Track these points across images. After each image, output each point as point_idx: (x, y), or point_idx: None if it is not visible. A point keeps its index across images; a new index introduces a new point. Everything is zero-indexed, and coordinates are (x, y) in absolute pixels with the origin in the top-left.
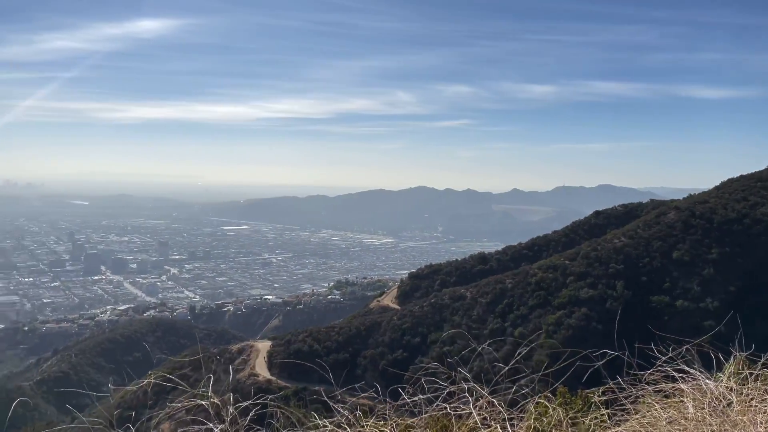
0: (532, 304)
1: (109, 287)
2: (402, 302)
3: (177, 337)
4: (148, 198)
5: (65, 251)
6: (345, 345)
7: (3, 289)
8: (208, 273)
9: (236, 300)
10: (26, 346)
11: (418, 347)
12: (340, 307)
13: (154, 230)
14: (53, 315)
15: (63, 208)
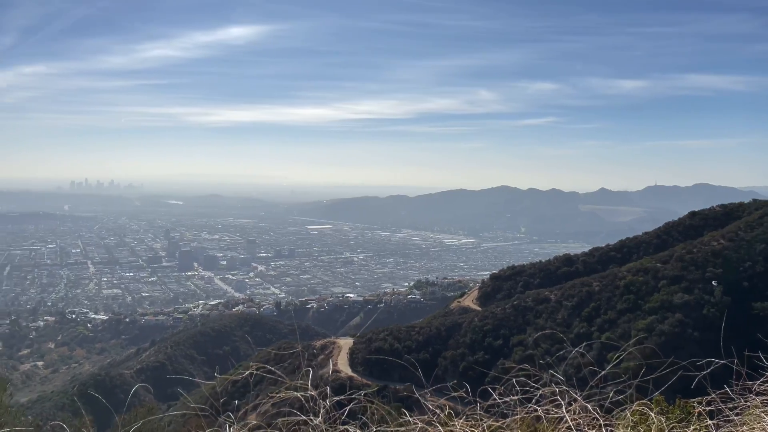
0: (621, 308)
1: (200, 283)
2: (483, 303)
3: (263, 331)
4: (237, 198)
5: (162, 248)
6: (425, 345)
7: (108, 282)
8: (292, 270)
9: (319, 297)
10: (127, 337)
11: (499, 349)
12: (420, 306)
13: (243, 229)
14: (151, 308)
15: (160, 207)
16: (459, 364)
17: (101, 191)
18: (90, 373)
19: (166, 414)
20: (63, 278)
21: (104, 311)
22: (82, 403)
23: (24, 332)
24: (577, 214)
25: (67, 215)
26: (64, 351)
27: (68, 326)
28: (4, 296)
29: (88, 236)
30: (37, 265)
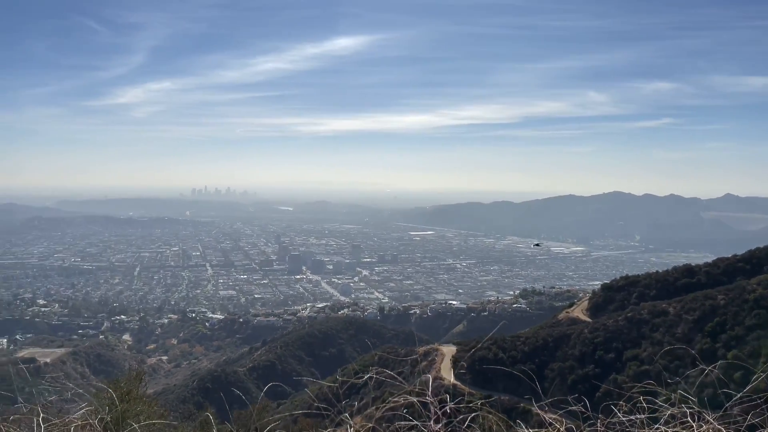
0: (750, 324)
1: (308, 286)
2: (593, 315)
3: (367, 335)
4: (343, 204)
5: (273, 252)
6: (531, 355)
7: (224, 284)
8: (396, 276)
9: (422, 303)
10: (241, 336)
11: (611, 363)
12: (525, 316)
13: (348, 234)
14: (262, 309)
15: (271, 213)
16: (567, 377)
17: (219, 198)
18: (208, 369)
19: (278, 414)
20: (184, 279)
21: (220, 311)
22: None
23: (151, 328)
24: (698, 222)
25: (188, 220)
26: (185, 347)
27: (189, 324)
28: (135, 294)
29: (206, 240)
30: (162, 266)
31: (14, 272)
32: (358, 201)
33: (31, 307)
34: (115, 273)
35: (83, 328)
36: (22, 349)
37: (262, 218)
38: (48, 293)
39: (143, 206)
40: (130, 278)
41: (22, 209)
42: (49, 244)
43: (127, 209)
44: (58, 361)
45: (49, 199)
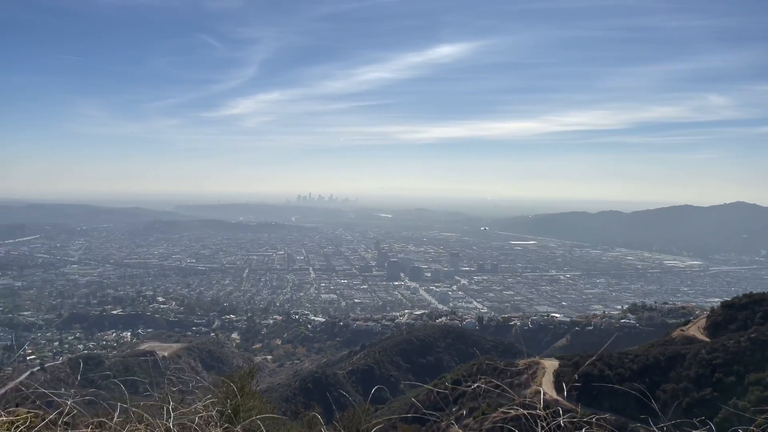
0: None
1: (406, 293)
2: (712, 334)
3: (465, 345)
4: (441, 212)
5: (372, 258)
6: (640, 374)
7: (325, 288)
8: (495, 286)
9: (522, 315)
10: (341, 339)
11: (731, 387)
12: (634, 332)
13: (447, 242)
14: (361, 314)
15: (371, 220)
16: (682, 400)
17: (322, 204)
18: (309, 370)
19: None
20: (289, 282)
21: (322, 314)
22: (303, 397)
23: (257, 328)
24: None
25: (293, 225)
26: (289, 348)
27: (292, 326)
28: (243, 295)
29: (310, 245)
30: (269, 269)
31: (138, 271)
32: (458, 209)
33: (152, 304)
34: (225, 274)
35: (196, 325)
36: (144, 343)
37: (363, 225)
38: (166, 291)
39: (252, 211)
40: (239, 280)
41: (146, 213)
42: (168, 245)
43: (237, 214)
44: (175, 355)
45: (168, 204)
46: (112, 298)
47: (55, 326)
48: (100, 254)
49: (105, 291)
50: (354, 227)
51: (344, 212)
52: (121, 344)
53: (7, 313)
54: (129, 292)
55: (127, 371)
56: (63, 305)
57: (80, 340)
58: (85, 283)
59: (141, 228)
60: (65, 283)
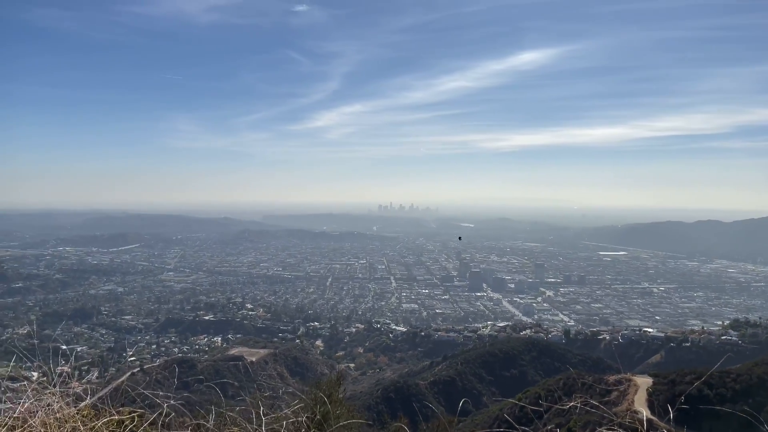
0: None
1: (489, 304)
2: None
3: (551, 359)
4: (525, 222)
5: (453, 268)
6: (743, 395)
7: (406, 297)
8: (582, 298)
9: (612, 329)
10: (422, 349)
11: None
12: (737, 350)
13: (531, 252)
14: (443, 324)
15: (453, 229)
16: None
17: (403, 214)
18: (391, 379)
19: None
20: (371, 291)
21: (403, 323)
22: (384, 406)
23: (340, 336)
24: None
25: (375, 235)
26: (370, 357)
27: (374, 334)
28: (327, 303)
29: (391, 254)
30: (351, 278)
31: (228, 278)
32: (542, 218)
33: (241, 310)
34: (310, 282)
35: (282, 331)
36: (233, 348)
37: (444, 234)
38: (254, 298)
39: (335, 221)
40: (322, 288)
41: (235, 223)
42: (256, 254)
43: (321, 224)
44: (262, 360)
45: (256, 214)
46: (205, 304)
47: (153, 330)
48: (193, 262)
49: (198, 297)
50: (435, 237)
51: (425, 222)
52: (213, 349)
53: (111, 316)
54: (220, 298)
55: (217, 375)
56: (160, 310)
57: (175, 343)
58: (180, 289)
59: (231, 237)
60: (162, 289)
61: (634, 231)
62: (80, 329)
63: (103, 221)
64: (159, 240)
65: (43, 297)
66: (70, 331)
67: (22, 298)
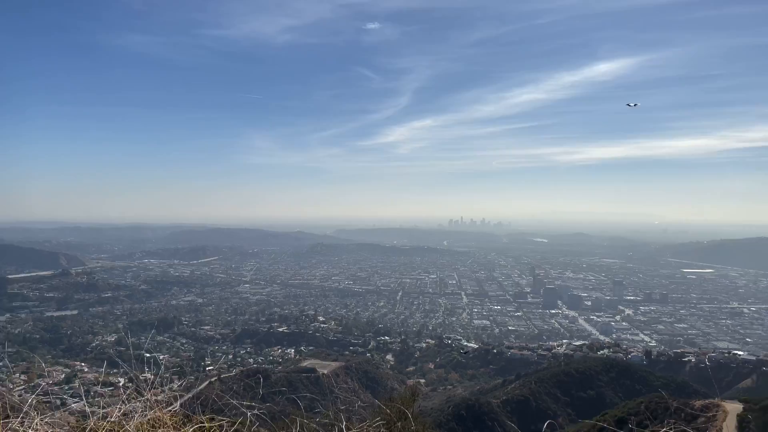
0: None
1: (564, 322)
2: None
3: (631, 381)
4: (602, 237)
5: (527, 284)
6: None
7: (478, 313)
8: (665, 317)
9: (698, 351)
10: (494, 367)
11: None
12: None
13: (609, 269)
14: (516, 342)
15: (525, 245)
16: None
17: (474, 228)
18: (462, 396)
19: None
20: (441, 306)
21: (474, 340)
22: (455, 423)
23: (410, 351)
24: None
25: (445, 250)
26: (441, 373)
27: (445, 350)
28: (397, 318)
29: (462, 269)
30: (421, 292)
31: (301, 291)
32: (621, 233)
33: (313, 323)
34: (380, 296)
35: (353, 345)
36: (305, 360)
37: (516, 249)
38: (326, 311)
39: (405, 235)
40: (393, 302)
41: (308, 237)
42: (327, 267)
43: (391, 238)
44: (333, 373)
45: (328, 228)
46: (278, 316)
47: (229, 340)
48: (268, 275)
49: (272, 309)
50: (507, 252)
51: (497, 237)
52: (286, 360)
53: (191, 326)
54: (293, 310)
55: (290, 386)
56: (236, 321)
57: (250, 354)
58: (255, 301)
59: (304, 251)
60: (239, 300)
61: (721, 247)
62: (163, 338)
63: (185, 235)
64: (236, 253)
65: (130, 306)
66: (154, 340)
67: (110, 307)
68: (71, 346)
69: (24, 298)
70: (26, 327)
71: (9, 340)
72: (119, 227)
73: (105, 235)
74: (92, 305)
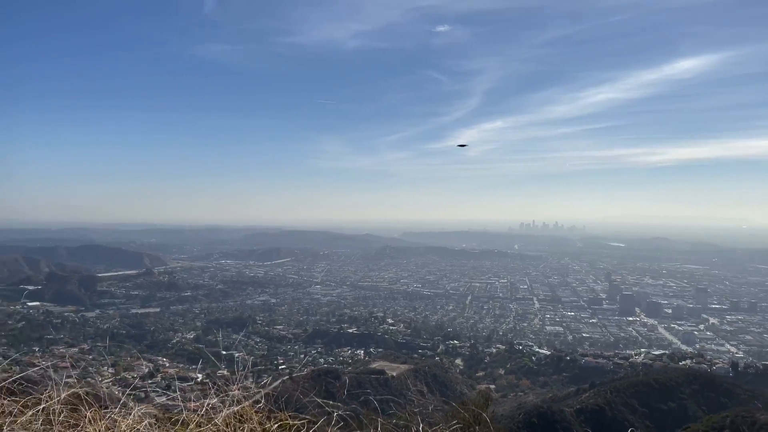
0: None
1: (642, 330)
2: None
3: (716, 393)
4: (684, 242)
5: (602, 290)
6: None
7: (550, 319)
8: (753, 327)
9: None
10: (567, 374)
11: None
12: None
13: (691, 276)
14: (590, 349)
15: (601, 249)
16: None
17: (546, 232)
18: (533, 403)
19: None
20: (512, 311)
21: (546, 346)
22: (527, 431)
23: (480, 356)
24: None
25: (516, 254)
26: (512, 379)
27: (515, 356)
28: (466, 322)
29: (533, 274)
30: (491, 297)
31: (370, 293)
32: (704, 238)
33: (382, 325)
34: (449, 300)
35: (422, 348)
36: (374, 361)
37: (591, 254)
38: (395, 314)
39: (474, 239)
40: (462, 306)
41: (377, 239)
42: (396, 270)
43: (460, 241)
44: (402, 375)
45: (396, 231)
46: (348, 318)
47: (301, 340)
48: (338, 276)
49: (342, 310)
50: (581, 256)
51: (570, 241)
52: (355, 361)
53: (264, 326)
54: (362, 312)
55: (359, 387)
56: (308, 321)
57: (321, 354)
58: (326, 302)
59: (373, 253)
60: (310, 301)
61: None
62: (238, 336)
63: (258, 237)
64: (308, 255)
65: (207, 305)
66: (229, 338)
67: (189, 306)
68: (154, 342)
69: (112, 295)
70: (113, 323)
71: (98, 334)
72: (197, 229)
73: (184, 237)
74: (173, 303)
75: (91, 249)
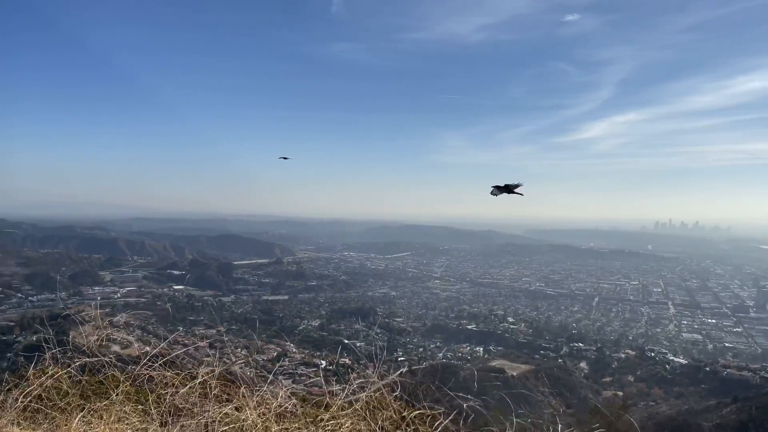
0: None
1: None
2: None
3: None
4: None
5: (749, 297)
6: None
7: (687, 326)
8: None
9: None
10: (705, 386)
11: None
12: None
13: None
14: (733, 360)
15: (749, 252)
16: None
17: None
18: (667, 415)
19: None
20: (643, 315)
21: (683, 355)
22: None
23: (607, 361)
24: None
25: (649, 254)
26: (642, 387)
27: (646, 363)
28: (592, 324)
29: (669, 277)
30: (620, 299)
31: (490, 290)
32: None
33: (502, 323)
34: (574, 301)
35: (544, 349)
36: (494, 360)
37: (737, 257)
38: (516, 312)
39: (602, 237)
40: (588, 308)
41: (498, 236)
42: (518, 268)
43: (586, 240)
44: (523, 376)
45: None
46: (467, 314)
47: (420, 333)
48: (457, 272)
49: (461, 306)
50: (725, 260)
51: (713, 242)
52: (474, 358)
53: (384, 317)
54: (482, 309)
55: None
56: (427, 315)
57: (440, 348)
58: (445, 297)
59: (494, 250)
60: (429, 295)
61: None
62: (359, 326)
63: (380, 230)
64: (427, 249)
65: (331, 295)
66: (351, 328)
67: (315, 295)
68: (282, 328)
69: (245, 282)
70: (246, 308)
71: (233, 318)
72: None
73: (311, 229)
74: (300, 292)
75: (228, 238)
